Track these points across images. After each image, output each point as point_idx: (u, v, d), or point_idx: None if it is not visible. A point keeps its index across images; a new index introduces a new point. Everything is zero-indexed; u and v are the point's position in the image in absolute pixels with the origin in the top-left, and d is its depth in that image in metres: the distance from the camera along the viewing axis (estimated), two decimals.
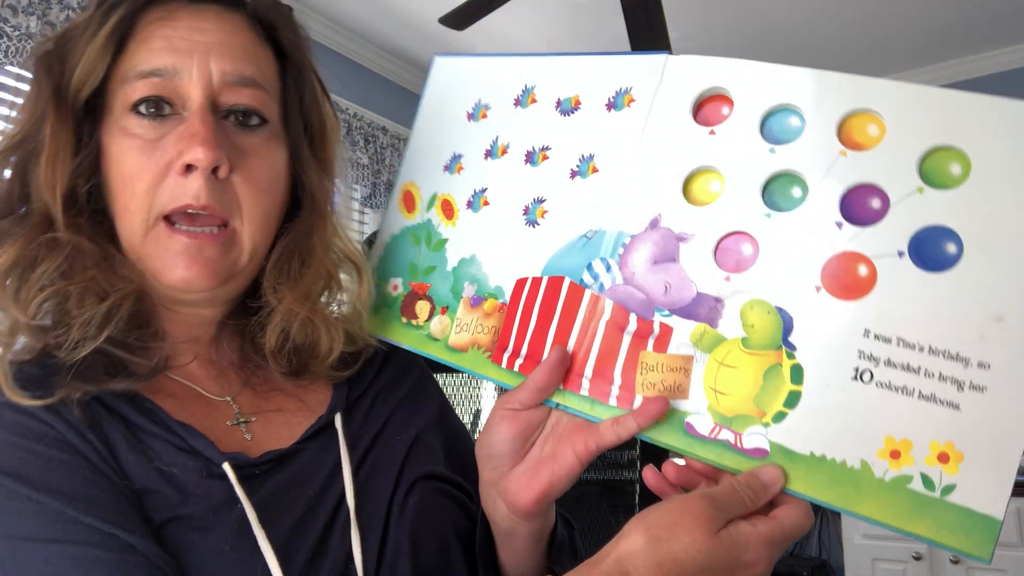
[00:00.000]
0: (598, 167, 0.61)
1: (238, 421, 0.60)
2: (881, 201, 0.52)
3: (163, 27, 0.57)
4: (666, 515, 0.47)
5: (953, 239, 0.49)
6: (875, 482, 0.48)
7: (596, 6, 2.95)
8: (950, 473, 0.47)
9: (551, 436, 0.58)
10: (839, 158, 0.53)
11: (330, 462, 0.60)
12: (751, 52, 3.48)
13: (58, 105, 0.56)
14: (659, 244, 0.57)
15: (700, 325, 0.55)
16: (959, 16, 3.10)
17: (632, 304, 0.57)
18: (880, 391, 0.49)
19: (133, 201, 0.56)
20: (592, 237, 0.60)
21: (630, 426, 0.54)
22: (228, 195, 0.57)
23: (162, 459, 0.53)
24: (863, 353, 0.50)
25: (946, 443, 0.47)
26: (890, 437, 0.48)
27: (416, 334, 0.67)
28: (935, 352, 0.48)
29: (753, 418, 0.52)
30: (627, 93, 0.62)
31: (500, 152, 0.67)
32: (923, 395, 0.48)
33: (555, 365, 0.57)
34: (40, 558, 0.45)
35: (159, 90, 0.56)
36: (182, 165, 0.55)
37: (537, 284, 0.62)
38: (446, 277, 0.67)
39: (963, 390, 0.47)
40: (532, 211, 0.64)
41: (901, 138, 0.51)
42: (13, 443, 0.49)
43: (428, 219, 0.70)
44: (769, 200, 0.55)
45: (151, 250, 0.57)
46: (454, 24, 2.51)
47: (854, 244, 0.51)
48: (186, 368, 0.61)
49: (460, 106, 0.71)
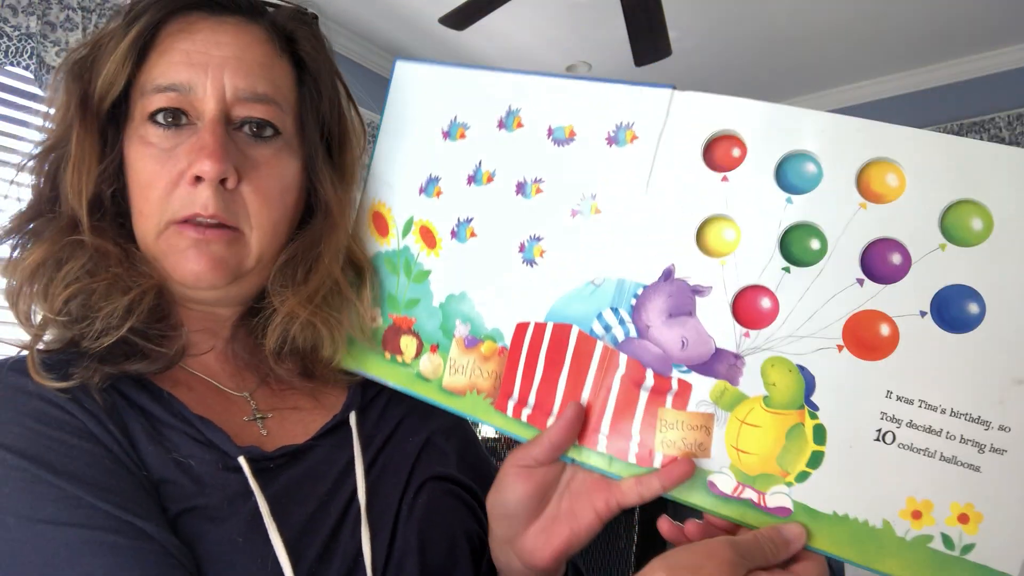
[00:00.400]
0: (601, 208, 0.58)
1: (255, 417, 0.62)
2: (902, 256, 0.51)
3: (182, 40, 0.59)
4: (691, 557, 0.47)
5: (975, 299, 0.49)
6: (896, 541, 0.50)
7: (596, 6, 2.89)
8: (970, 533, 0.48)
9: (567, 492, 0.58)
10: (859, 211, 0.51)
11: (343, 459, 0.61)
12: (751, 52, 3.40)
13: (84, 113, 0.59)
14: (675, 296, 0.56)
15: (720, 382, 0.54)
16: (960, 15, 3.08)
17: (648, 359, 0.56)
18: (902, 452, 0.50)
19: (147, 206, 0.59)
20: (600, 284, 0.58)
21: (654, 486, 0.54)
22: (236, 204, 0.59)
23: (180, 451, 0.55)
24: (885, 415, 0.50)
25: (966, 504, 0.49)
26: (911, 498, 0.50)
27: (404, 372, 0.64)
28: (956, 414, 0.49)
29: (776, 477, 0.52)
30: (629, 128, 0.58)
31: (485, 179, 0.63)
32: (944, 457, 0.49)
33: (571, 421, 0.56)
34: (59, 541, 0.47)
35: (175, 103, 0.58)
36: (192, 176, 0.57)
37: (541, 330, 0.59)
38: (433, 313, 0.64)
39: (983, 452, 0.48)
40: (529, 249, 0.60)
41: (921, 191, 0.50)
42: (37, 430, 0.51)
43: (405, 246, 0.66)
44: (787, 252, 0.53)
45: (163, 248, 0.59)
46: (454, 24, 2.45)
47: (876, 303, 0.51)
48: (205, 363, 0.63)
49: (432, 121, 0.66)
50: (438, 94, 0.66)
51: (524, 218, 0.60)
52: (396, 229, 0.66)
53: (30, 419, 0.52)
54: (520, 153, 0.61)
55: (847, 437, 0.51)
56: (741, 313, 0.54)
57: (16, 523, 0.47)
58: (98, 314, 0.56)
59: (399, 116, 0.68)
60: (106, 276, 0.57)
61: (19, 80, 2.26)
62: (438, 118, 0.65)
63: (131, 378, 0.58)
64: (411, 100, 0.67)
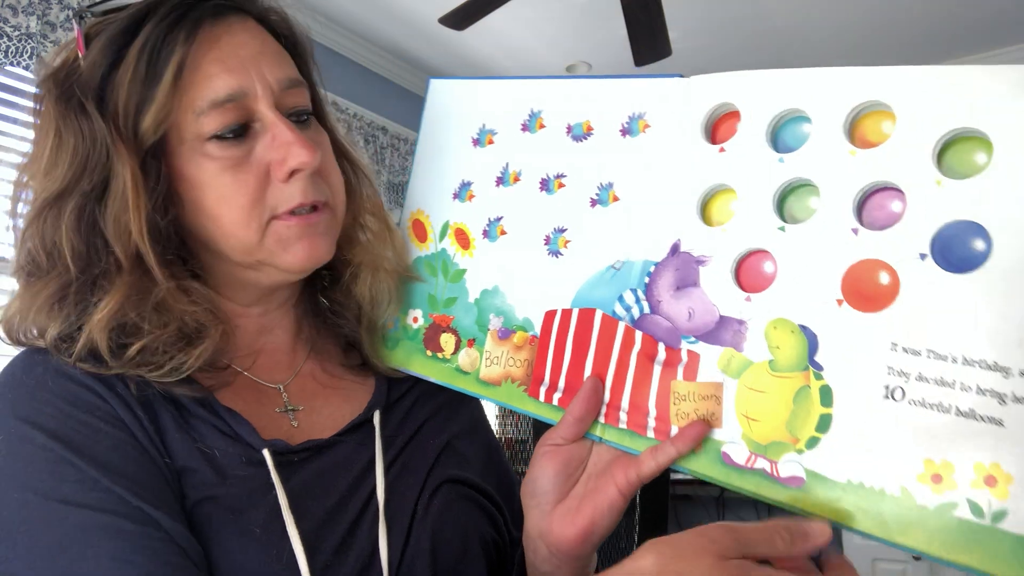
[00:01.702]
0: (618, 195, 0.61)
1: (286, 409, 0.63)
2: (897, 200, 0.47)
3: (210, 51, 0.58)
4: (684, 537, 0.46)
5: (980, 233, 0.44)
6: (918, 510, 0.45)
7: (596, 6, 2.90)
8: (999, 497, 0.42)
9: (593, 473, 0.59)
10: (849, 159, 0.49)
11: (366, 457, 0.62)
12: (751, 52, 3.30)
13: (125, 147, 0.56)
14: (680, 269, 0.56)
15: (727, 350, 0.53)
16: (960, 15, 2.92)
17: (660, 333, 0.57)
18: (913, 409, 0.45)
19: (241, 214, 0.58)
20: (620, 268, 0.60)
21: (670, 452, 0.53)
22: (321, 185, 0.62)
23: (205, 441, 0.56)
24: (892, 369, 0.46)
25: (992, 464, 0.43)
26: (929, 460, 0.44)
27: (444, 367, 0.68)
28: (970, 362, 0.44)
29: (787, 444, 0.50)
30: (641, 118, 0.61)
31: (512, 179, 0.67)
32: (961, 412, 0.44)
33: (589, 395, 0.58)
34: (70, 522, 0.48)
35: (236, 113, 0.58)
36: (287, 172, 0.58)
37: (568, 316, 0.62)
38: (469, 309, 0.68)
39: (1005, 403, 0.42)
40: (554, 241, 0.64)
41: (913, 128, 0.47)
42: (68, 412, 0.53)
43: (443, 249, 0.71)
44: (783, 212, 0.52)
45: (272, 246, 0.59)
46: (454, 24, 2.50)
47: (872, 250, 0.47)
48: (242, 357, 0.65)
49: (463, 131, 0.71)
50: (468, 106, 0.72)
51: (548, 212, 0.65)
52: (434, 234, 0.72)
53: (63, 401, 0.53)
54: (543, 152, 0.66)
55: (854, 397, 0.47)
56: (743, 278, 0.53)
57: (35, 499, 0.49)
58: (166, 359, 0.56)
59: (433, 131, 0.74)
60: (176, 323, 0.57)
61: (19, 80, 2.24)
62: (468, 128, 0.71)
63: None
64: (444, 115, 0.74)
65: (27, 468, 0.50)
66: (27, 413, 0.53)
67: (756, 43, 3.26)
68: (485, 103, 0.70)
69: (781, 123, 0.53)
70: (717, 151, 0.56)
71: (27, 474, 0.50)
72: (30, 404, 0.53)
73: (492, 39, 3.29)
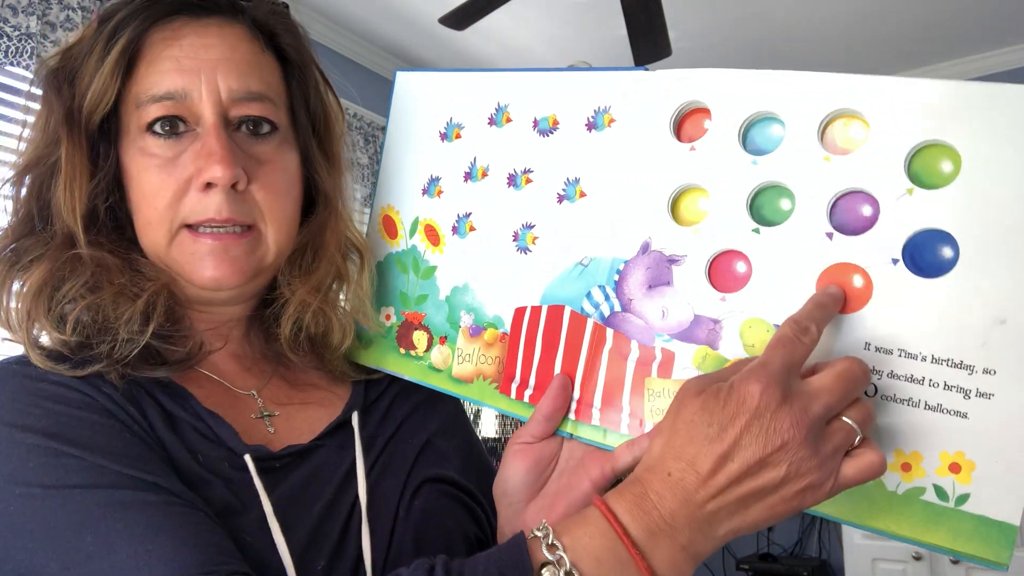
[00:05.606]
0: (585, 191, 0.61)
1: (262, 415, 0.62)
2: (870, 206, 0.50)
3: (170, 47, 0.58)
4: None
5: (948, 242, 0.47)
6: (888, 496, 0.48)
7: (596, 6, 2.90)
8: (963, 483, 0.46)
9: (565, 470, 0.59)
10: (823, 164, 0.51)
11: (347, 460, 0.62)
12: (751, 52, 3.33)
13: (71, 129, 0.58)
14: (652, 268, 0.57)
15: (701, 348, 0.55)
16: (960, 15, 3.00)
17: (632, 331, 0.57)
18: (885, 404, 0.48)
19: (155, 215, 0.58)
20: (588, 265, 0.60)
21: (645, 446, 0.54)
22: (248, 204, 0.59)
23: (190, 444, 0.56)
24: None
25: (956, 453, 0.47)
26: (900, 451, 0.48)
27: (417, 365, 0.68)
28: (938, 361, 0.47)
29: None
30: (606, 112, 0.60)
31: (480, 175, 0.66)
32: (929, 406, 0.47)
33: (557, 392, 0.58)
34: (91, 501, 0.47)
35: (172, 111, 0.58)
36: (202, 183, 0.57)
37: (537, 313, 0.62)
38: (440, 306, 0.67)
39: (969, 398, 0.46)
40: (522, 237, 0.63)
41: (885, 137, 0.49)
42: (57, 410, 0.52)
43: (413, 245, 0.70)
44: (757, 215, 0.54)
45: (177, 255, 0.59)
46: (454, 24, 2.48)
47: (846, 255, 0.50)
48: (212, 362, 0.64)
49: (431, 125, 0.69)
50: (435, 99, 0.70)
51: (516, 208, 0.63)
52: (404, 230, 0.70)
53: (49, 401, 0.52)
54: (510, 147, 0.64)
55: None
56: (716, 278, 0.55)
57: (43, 492, 0.48)
58: (116, 324, 0.55)
59: (401, 124, 0.72)
60: (111, 287, 0.56)
61: (19, 80, 2.21)
62: (436, 122, 0.69)
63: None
64: (411, 108, 0.71)
65: (25, 466, 0.49)
66: (13, 418, 0.51)
67: (756, 43, 3.27)
68: (452, 96, 0.68)
69: (752, 123, 0.54)
70: (688, 149, 0.56)
71: (28, 472, 0.48)
72: (14, 409, 0.52)
73: (492, 39, 3.21)
